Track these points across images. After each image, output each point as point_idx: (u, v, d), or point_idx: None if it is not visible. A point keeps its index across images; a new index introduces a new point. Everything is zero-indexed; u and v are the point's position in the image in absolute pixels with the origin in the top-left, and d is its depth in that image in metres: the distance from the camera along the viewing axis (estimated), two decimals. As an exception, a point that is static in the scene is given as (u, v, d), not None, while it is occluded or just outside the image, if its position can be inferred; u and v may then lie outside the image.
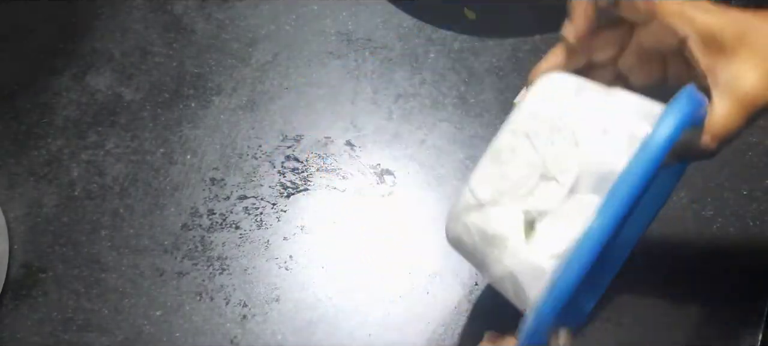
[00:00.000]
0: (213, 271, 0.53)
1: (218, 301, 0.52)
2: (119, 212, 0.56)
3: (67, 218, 0.56)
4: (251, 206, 0.56)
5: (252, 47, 0.63)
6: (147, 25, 0.64)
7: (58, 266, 0.54)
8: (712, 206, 0.54)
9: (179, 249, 0.54)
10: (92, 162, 0.58)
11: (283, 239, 0.55)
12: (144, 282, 0.53)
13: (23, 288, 0.53)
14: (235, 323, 0.51)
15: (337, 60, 0.62)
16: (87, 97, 0.61)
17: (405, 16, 0.64)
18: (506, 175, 0.36)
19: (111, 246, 0.54)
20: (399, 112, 0.60)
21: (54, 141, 0.59)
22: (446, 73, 0.61)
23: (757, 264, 0.52)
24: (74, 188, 0.57)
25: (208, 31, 0.64)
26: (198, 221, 0.55)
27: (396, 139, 0.58)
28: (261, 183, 0.57)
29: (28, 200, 0.56)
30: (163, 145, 0.58)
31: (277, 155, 0.58)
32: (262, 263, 0.54)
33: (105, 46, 0.63)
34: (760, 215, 0.54)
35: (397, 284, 0.52)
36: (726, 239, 0.53)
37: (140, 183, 0.57)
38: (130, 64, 0.62)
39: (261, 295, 0.52)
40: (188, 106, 0.60)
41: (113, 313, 0.52)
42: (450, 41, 0.62)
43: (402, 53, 0.62)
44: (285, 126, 0.59)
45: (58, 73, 0.62)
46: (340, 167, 0.57)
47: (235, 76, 0.62)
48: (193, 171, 0.57)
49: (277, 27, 0.64)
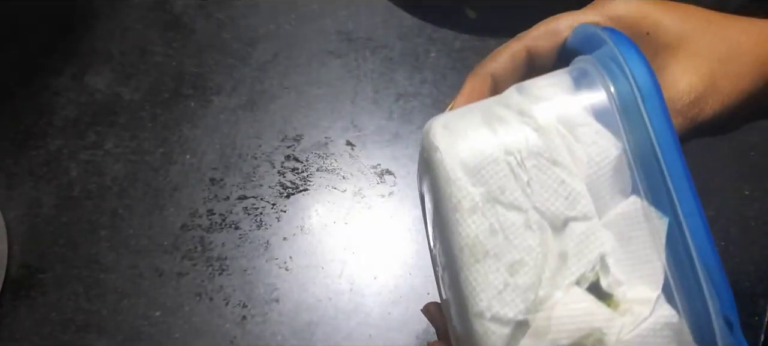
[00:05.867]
0: (212, 271, 0.53)
1: (218, 301, 0.52)
2: (118, 212, 0.55)
3: (66, 218, 0.55)
4: (251, 206, 0.56)
5: (252, 47, 0.63)
6: (146, 24, 0.64)
7: (58, 267, 0.54)
8: (712, 206, 0.54)
9: (179, 249, 0.54)
10: (91, 162, 0.58)
11: (282, 239, 0.54)
12: (143, 282, 0.53)
13: (22, 288, 0.53)
14: (234, 323, 0.51)
15: (337, 59, 0.62)
16: (86, 97, 0.61)
17: (405, 16, 0.64)
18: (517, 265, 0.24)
19: (110, 246, 0.54)
20: (399, 111, 0.59)
21: (53, 141, 0.59)
22: (447, 72, 0.61)
23: (758, 264, 0.52)
24: (73, 188, 0.57)
25: (207, 31, 0.64)
26: (197, 221, 0.55)
27: (396, 139, 0.58)
28: (261, 183, 0.57)
29: (28, 200, 0.56)
30: (163, 145, 0.58)
31: (277, 155, 0.58)
32: (262, 263, 0.53)
33: (104, 45, 0.63)
34: (761, 215, 0.54)
35: (397, 284, 0.52)
36: (726, 239, 0.53)
37: (139, 183, 0.57)
38: (130, 64, 0.62)
39: (261, 295, 0.52)
40: (188, 105, 0.60)
41: (112, 313, 0.52)
42: (451, 40, 0.62)
43: (402, 53, 0.62)
44: (285, 126, 0.59)
45: (57, 73, 0.62)
46: (341, 167, 0.57)
47: (235, 76, 0.61)
48: (192, 171, 0.57)
49: (277, 26, 0.64)
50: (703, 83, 0.28)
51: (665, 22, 0.28)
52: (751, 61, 0.28)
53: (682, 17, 0.28)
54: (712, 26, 0.29)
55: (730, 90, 0.28)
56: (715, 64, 0.28)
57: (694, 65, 0.28)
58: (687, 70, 0.28)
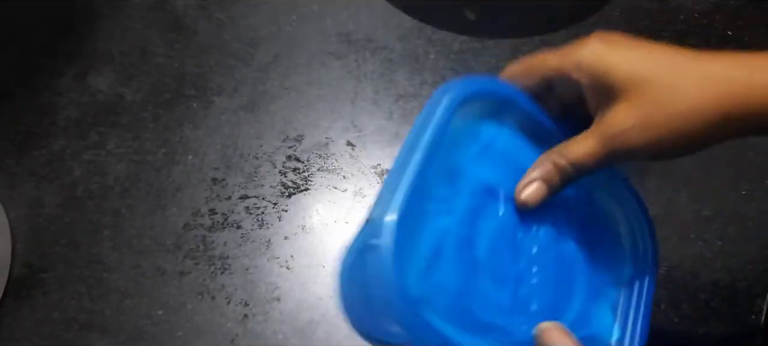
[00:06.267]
0: (214, 270, 0.53)
1: (220, 300, 0.52)
2: (121, 212, 0.56)
3: (68, 218, 0.56)
4: (253, 206, 0.56)
5: (253, 47, 0.63)
6: (148, 25, 0.65)
7: (60, 266, 0.54)
8: (712, 206, 0.54)
9: (181, 249, 0.54)
10: (94, 162, 0.58)
11: (284, 238, 0.55)
12: (145, 282, 0.53)
13: (25, 288, 0.53)
14: (236, 322, 0.52)
15: (337, 60, 0.62)
16: (88, 98, 0.61)
17: (405, 17, 0.64)
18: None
19: (112, 246, 0.54)
20: (399, 112, 0.60)
21: (55, 141, 0.59)
22: (446, 73, 0.61)
23: (756, 264, 0.53)
24: (76, 188, 0.57)
25: (208, 32, 0.64)
26: (199, 221, 0.55)
27: (396, 139, 0.58)
28: (262, 183, 0.57)
29: (30, 200, 0.56)
30: (165, 145, 0.59)
31: (278, 155, 0.58)
32: (264, 262, 0.54)
33: (106, 46, 0.63)
34: (760, 215, 0.54)
35: (398, 283, 0.52)
36: (726, 239, 0.53)
37: (142, 183, 0.57)
38: (131, 65, 0.62)
39: (262, 294, 0.53)
40: (189, 106, 0.60)
41: (115, 313, 0.52)
42: (450, 42, 0.63)
43: (402, 54, 0.62)
44: (286, 126, 0.59)
45: (59, 74, 0.62)
46: (341, 167, 0.57)
47: (236, 77, 0.62)
48: (194, 171, 0.57)
49: (278, 27, 0.64)
50: (632, 121, 0.32)
51: (616, 65, 0.33)
52: (697, 103, 0.31)
53: (632, 62, 0.33)
54: (662, 70, 0.32)
55: (662, 129, 0.32)
56: (650, 106, 0.32)
57: (630, 104, 0.32)
58: (622, 107, 0.33)
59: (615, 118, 0.33)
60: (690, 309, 0.51)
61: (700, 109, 0.31)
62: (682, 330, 0.50)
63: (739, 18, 0.64)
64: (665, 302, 0.51)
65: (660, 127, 0.32)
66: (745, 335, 0.50)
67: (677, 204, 0.54)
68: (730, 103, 0.31)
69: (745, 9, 0.64)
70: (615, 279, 0.38)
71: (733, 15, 0.64)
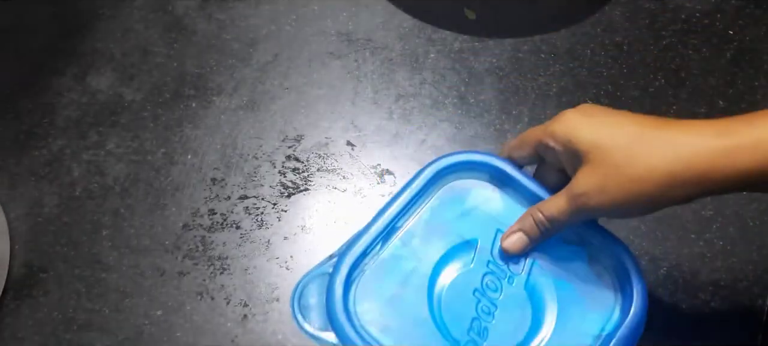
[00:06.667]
0: (214, 270, 0.53)
1: (219, 301, 0.52)
2: (120, 212, 0.56)
3: (68, 218, 0.56)
4: (252, 206, 0.56)
5: (252, 47, 0.63)
6: (148, 25, 0.65)
7: (59, 266, 0.54)
8: (712, 206, 0.54)
9: (180, 249, 0.54)
10: (93, 162, 0.58)
11: (283, 238, 0.55)
12: (145, 282, 0.53)
13: (24, 288, 0.53)
14: (235, 322, 0.52)
15: (337, 60, 0.62)
16: (88, 97, 0.61)
17: (405, 16, 0.64)
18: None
19: (112, 246, 0.54)
20: (399, 112, 0.60)
21: (55, 141, 0.59)
22: (446, 73, 0.61)
23: (756, 264, 0.52)
24: (75, 187, 0.57)
25: (208, 32, 0.64)
26: (199, 221, 0.55)
27: (396, 139, 0.58)
28: (262, 183, 0.57)
29: (29, 200, 0.56)
30: (164, 145, 0.59)
31: (278, 155, 0.58)
32: (263, 262, 0.54)
33: (106, 46, 0.64)
34: (760, 214, 0.54)
35: (398, 283, 0.52)
36: (726, 239, 0.53)
37: (141, 183, 0.57)
38: (131, 65, 0.62)
39: (262, 295, 0.52)
40: (189, 106, 0.60)
41: (114, 313, 0.52)
42: (450, 41, 0.63)
43: (402, 53, 0.62)
44: (286, 126, 0.59)
45: (59, 73, 0.62)
46: (341, 167, 0.57)
47: (236, 77, 0.62)
48: (194, 171, 0.57)
49: (278, 27, 0.64)
50: (592, 183, 0.37)
51: (582, 134, 0.37)
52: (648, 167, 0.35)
53: (596, 131, 0.37)
54: (622, 138, 0.36)
55: (617, 191, 0.36)
56: (607, 169, 0.36)
57: (591, 168, 0.37)
58: (585, 170, 0.37)
59: (578, 180, 0.38)
60: (690, 309, 0.51)
61: (650, 171, 0.35)
62: (682, 330, 0.50)
63: (739, 18, 0.63)
64: (665, 301, 0.51)
65: (615, 189, 0.36)
66: (745, 335, 0.50)
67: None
68: (675, 166, 0.35)
69: (745, 9, 0.64)
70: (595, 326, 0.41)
71: (733, 15, 0.64)
